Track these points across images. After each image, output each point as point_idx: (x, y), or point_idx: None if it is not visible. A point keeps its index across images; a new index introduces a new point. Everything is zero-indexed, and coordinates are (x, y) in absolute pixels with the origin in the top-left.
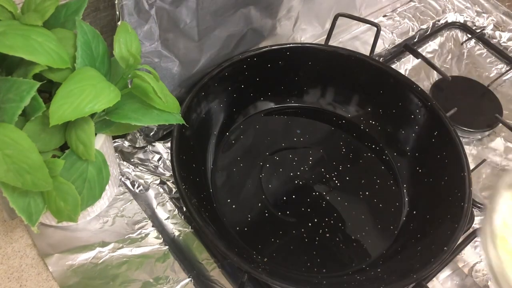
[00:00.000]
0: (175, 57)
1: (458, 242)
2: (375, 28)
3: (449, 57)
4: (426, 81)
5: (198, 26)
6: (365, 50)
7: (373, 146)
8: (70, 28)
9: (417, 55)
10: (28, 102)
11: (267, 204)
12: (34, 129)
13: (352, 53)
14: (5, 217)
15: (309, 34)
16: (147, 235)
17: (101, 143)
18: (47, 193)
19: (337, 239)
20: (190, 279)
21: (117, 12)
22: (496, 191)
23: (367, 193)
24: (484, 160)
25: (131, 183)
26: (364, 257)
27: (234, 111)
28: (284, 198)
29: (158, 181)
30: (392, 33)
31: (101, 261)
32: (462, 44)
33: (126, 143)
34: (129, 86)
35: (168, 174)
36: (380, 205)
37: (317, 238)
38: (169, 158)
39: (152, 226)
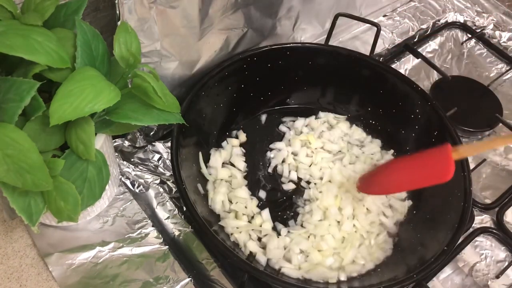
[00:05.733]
0: (175, 57)
1: (458, 242)
2: (375, 28)
3: (449, 57)
4: (426, 81)
5: (198, 26)
6: (365, 50)
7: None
8: (70, 27)
9: (417, 55)
10: (28, 102)
11: (267, 203)
12: (34, 129)
13: (352, 53)
14: (5, 217)
15: (309, 33)
16: (147, 234)
17: (101, 142)
18: (47, 193)
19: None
20: (190, 279)
21: (117, 12)
22: None
23: None
24: (484, 160)
25: (131, 182)
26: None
27: (234, 111)
28: (284, 198)
29: (158, 181)
30: (392, 33)
31: (101, 260)
32: (462, 44)
33: (126, 143)
34: (129, 86)
35: (168, 173)
36: None
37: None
38: (169, 158)
39: (152, 226)
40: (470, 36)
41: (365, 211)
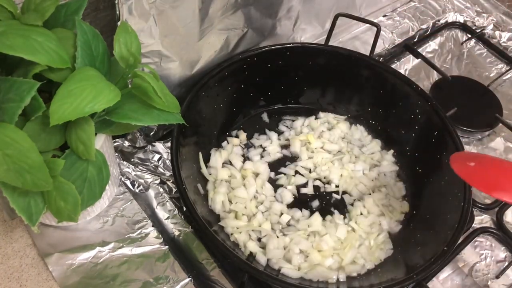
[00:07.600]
0: (175, 57)
1: (458, 242)
2: (375, 28)
3: (449, 57)
4: (426, 81)
5: (198, 26)
6: (365, 50)
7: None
8: (70, 28)
9: (417, 55)
10: (28, 102)
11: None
12: (34, 129)
13: (352, 53)
14: (5, 217)
15: (309, 34)
16: (147, 234)
17: (101, 143)
18: (47, 193)
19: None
20: (190, 279)
21: (117, 12)
22: None
23: None
24: None
25: (131, 183)
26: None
27: (234, 111)
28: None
29: (158, 181)
30: (392, 33)
31: (101, 260)
32: (462, 44)
33: (126, 143)
34: (129, 86)
35: (168, 174)
36: None
37: None
38: (169, 158)
39: (152, 226)
40: (470, 36)
41: (365, 212)
